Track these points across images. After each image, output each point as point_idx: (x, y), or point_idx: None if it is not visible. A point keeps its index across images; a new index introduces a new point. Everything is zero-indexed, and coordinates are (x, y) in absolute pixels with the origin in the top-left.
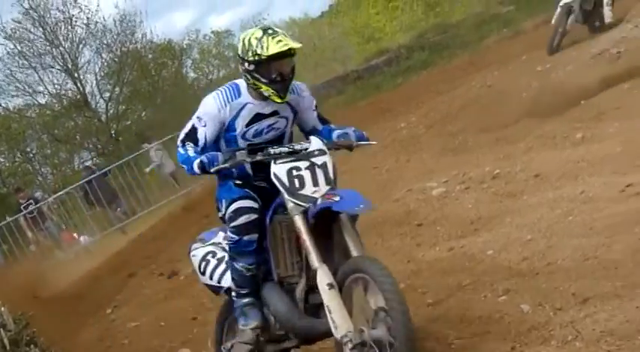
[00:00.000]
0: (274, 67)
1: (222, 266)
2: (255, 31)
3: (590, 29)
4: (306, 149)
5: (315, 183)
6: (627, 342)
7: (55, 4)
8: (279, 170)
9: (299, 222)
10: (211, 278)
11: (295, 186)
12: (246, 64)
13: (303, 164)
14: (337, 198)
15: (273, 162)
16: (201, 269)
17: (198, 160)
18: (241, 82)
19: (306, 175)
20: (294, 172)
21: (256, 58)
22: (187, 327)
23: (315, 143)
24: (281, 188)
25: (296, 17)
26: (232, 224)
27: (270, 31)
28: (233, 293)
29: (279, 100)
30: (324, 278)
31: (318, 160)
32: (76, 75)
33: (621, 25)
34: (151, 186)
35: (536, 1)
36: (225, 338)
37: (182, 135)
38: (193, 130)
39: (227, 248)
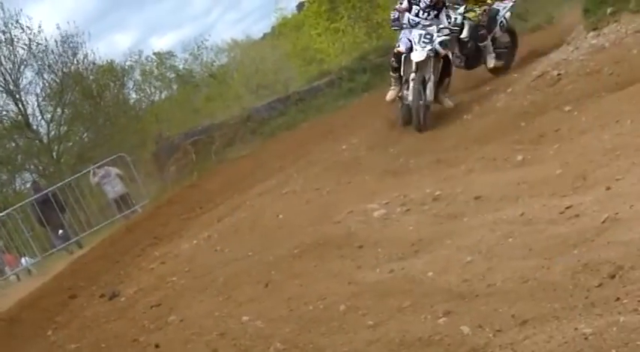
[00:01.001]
0: None
1: None
2: None
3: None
4: None
5: None
6: None
7: None
8: None
9: None
10: None
11: None
12: None
13: None
14: None
15: None
16: None
17: None
18: None
19: None
20: None
21: None
22: (128, 349)
23: None
24: None
25: (238, 39)
26: None
27: None
28: None
29: None
30: None
31: None
32: (17, 96)
33: (562, 47)
34: (92, 207)
35: None
36: None
37: None
38: None
39: None
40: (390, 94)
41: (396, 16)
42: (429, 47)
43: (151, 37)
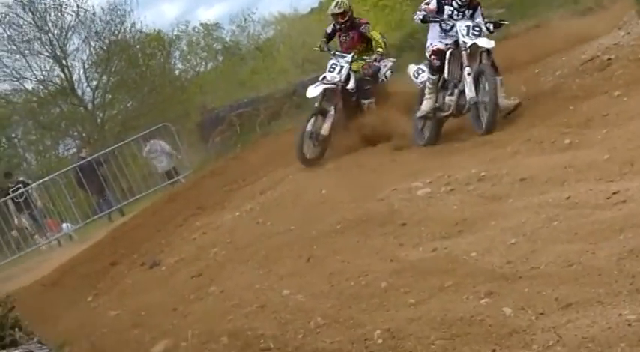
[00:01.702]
0: None
1: None
2: None
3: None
4: None
5: None
6: (608, 349)
7: None
8: None
9: None
10: None
11: None
12: None
13: None
14: None
15: None
16: None
17: None
18: None
19: None
20: None
21: None
22: (168, 318)
23: None
24: None
25: (285, 12)
26: None
27: None
28: None
29: None
30: None
31: None
32: (64, 62)
33: (613, 32)
34: (135, 175)
35: (528, 4)
36: None
37: None
38: None
39: None
40: (427, 104)
41: (422, 17)
42: (481, 39)
43: (199, 7)
